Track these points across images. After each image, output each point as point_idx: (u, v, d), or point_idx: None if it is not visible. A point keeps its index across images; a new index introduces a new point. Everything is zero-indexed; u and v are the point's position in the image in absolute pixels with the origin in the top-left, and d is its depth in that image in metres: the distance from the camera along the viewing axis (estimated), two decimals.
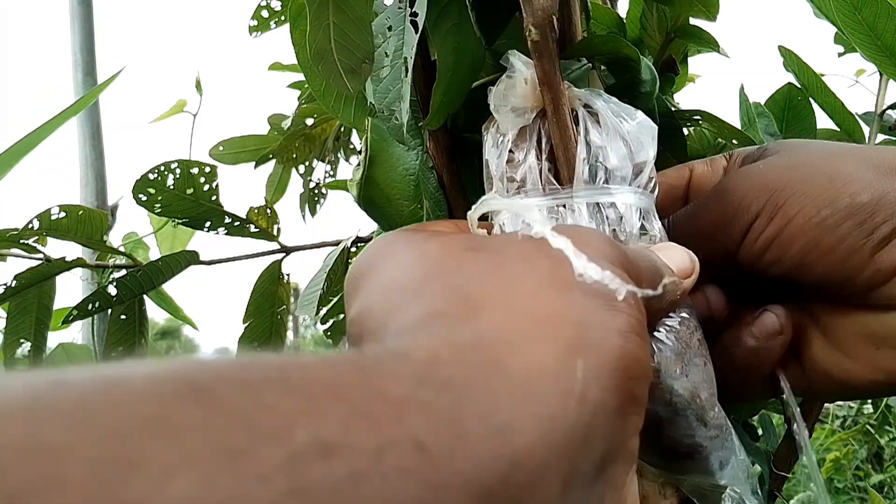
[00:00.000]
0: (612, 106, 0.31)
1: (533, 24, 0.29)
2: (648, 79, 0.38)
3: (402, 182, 0.42)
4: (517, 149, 0.31)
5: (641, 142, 0.31)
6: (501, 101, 0.32)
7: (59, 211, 0.61)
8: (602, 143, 0.30)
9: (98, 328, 0.81)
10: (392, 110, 0.34)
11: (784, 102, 0.56)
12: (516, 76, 0.31)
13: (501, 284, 0.21)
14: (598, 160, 0.30)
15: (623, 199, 0.30)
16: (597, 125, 0.31)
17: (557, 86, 0.30)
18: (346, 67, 0.33)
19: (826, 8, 0.49)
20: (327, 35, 0.32)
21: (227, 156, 0.80)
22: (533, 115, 0.32)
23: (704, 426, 0.28)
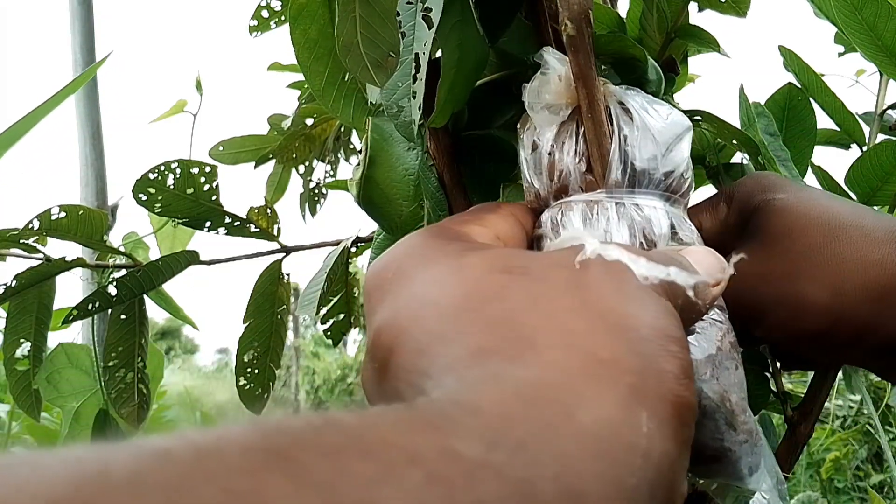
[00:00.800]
0: (646, 104, 0.31)
1: (569, 17, 0.28)
2: (654, 79, 0.37)
3: (401, 182, 0.42)
4: (556, 147, 0.31)
5: (672, 142, 0.30)
6: (536, 99, 0.31)
7: (60, 211, 0.61)
8: (632, 142, 0.30)
9: (98, 328, 0.81)
10: (401, 107, 0.34)
11: (784, 102, 0.56)
12: (550, 73, 0.31)
13: (553, 318, 0.20)
14: (629, 159, 0.30)
15: (649, 202, 0.30)
16: (629, 122, 0.30)
17: (593, 81, 0.30)
18: (373, 61, 0.33)
19: (826, 8, 0.49)
20: (354, 28, 0.32)
21: (227, 156, 0.80)
22: (568, 111, 0.31)
23: (734, 430, 0.28)
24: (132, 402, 0.68)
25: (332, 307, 0.67)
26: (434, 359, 0.20)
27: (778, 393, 0.56)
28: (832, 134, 0.61)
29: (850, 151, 0.63)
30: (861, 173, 0.50)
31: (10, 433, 1.08)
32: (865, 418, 1.84)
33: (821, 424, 1.92)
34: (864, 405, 1.81)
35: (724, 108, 0.49)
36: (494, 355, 0.19)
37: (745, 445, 0.28)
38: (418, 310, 0.22)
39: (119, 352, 0.67)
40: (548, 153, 0.31)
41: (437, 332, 0.21)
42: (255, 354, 0.66)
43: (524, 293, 0.21)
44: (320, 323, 0.68)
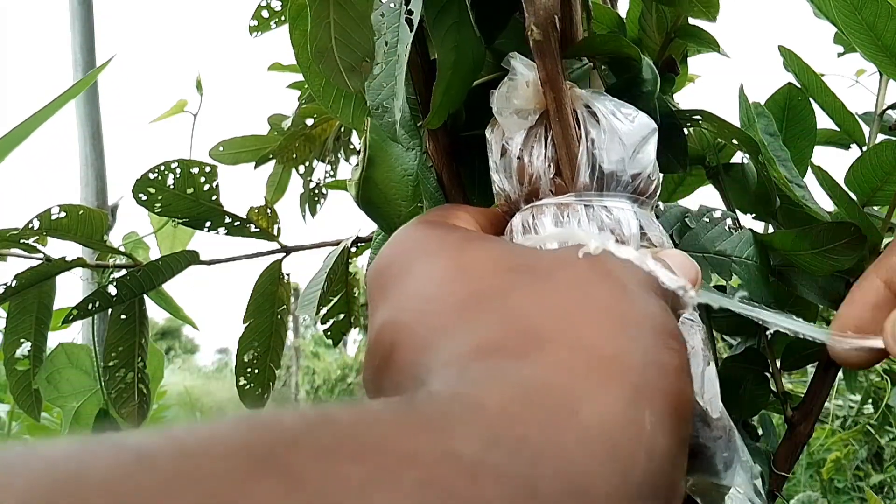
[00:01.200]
0: (612, 107, 0.31)
1: (535, 23, 0.29)
2: (650, 78, 0.38)
3: (400, 182, 0.42)
4: (525, 151, 0.31)
5: (639, 144, 0.31)
6: (504, 104, 0.32)
7: (60, 211, 0.61)
8: (600, 145, 0.30)
9: (98, 328, 0.81)
10: (385, 107, 0.34)
11: (784, 102, 0.56)
12: (518, 78, 0.31)
13: (559, 314, 0.20)
14: (597, 161, 0.30)
15: (618, 204, 0.30)
16: (596, 126, 0.31)
17: (560, 85, 0.30)
18: (347, 66, 0.33)
19: (826, 8, 0.49)
20: (328, 33, 0.32)
21: (227, 156, 0.80)
22: (536, 116, 0.31)
23: (708, 427, 0.28)
24: (132, 402, 0.68)
25: (332, 307, 0.67)
26: (436, 352, 0.20)
27: (778, 393, 0.56)
28: (832, 134, 0.61)
29: (850, 151, 0.63)
30: (861, 173, 0.50)
31: (10, 433, 1.08)
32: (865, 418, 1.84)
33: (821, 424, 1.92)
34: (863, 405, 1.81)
35: (724, 108, 0.49)
36: (499, 351, 0.19)
37: (720, 441, 0.28)
38: (422, 305, 0.22)
39: (119, 352, 0.67)
40: (517, 157, 0.32)
41: (440, 327, 0.21)
42: (255, 354, 0.66)
43: (529, 290, 0.21)
44: (320, 323, 0.68)
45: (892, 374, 1.45)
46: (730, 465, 0.29)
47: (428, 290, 0.22)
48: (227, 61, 21.94)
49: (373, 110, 0.35)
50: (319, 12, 0.32)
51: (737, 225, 0.49)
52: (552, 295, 0.21)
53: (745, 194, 0.58)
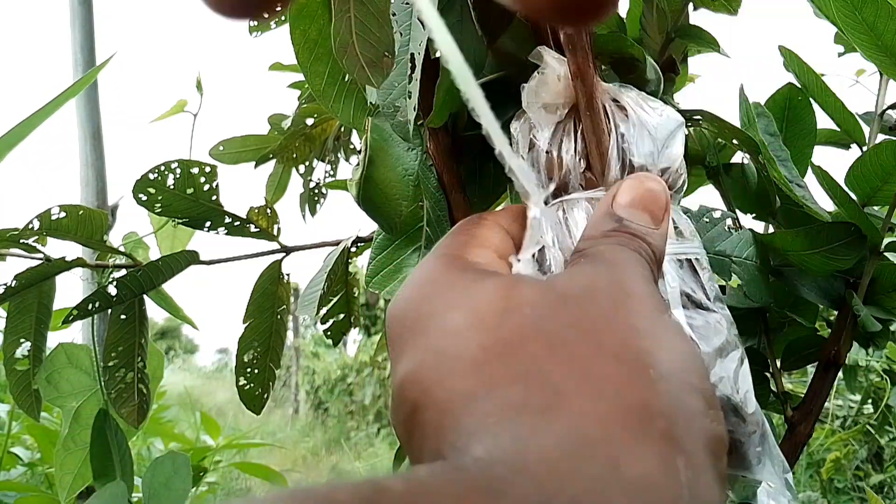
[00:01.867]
0: (640, 100, 0.31)
1: None
2: (653, 78, 0.38)
3: (401, 182, 0.42)
4: (554, 145, 0.31)
5: (668, 138, 0.31)
6: (534, 98, 0.31)
7: (60, 211, 0.61)
8: (629, 139, 0.30)
9: (98, 328, 0.81)
10: (396, 107, 0.34)
11: (784, 102, 0.56)
12: (549, 72, 0.31)
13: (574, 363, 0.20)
14: (627, 155, 0.30)
15: None
16: (625, 119, 0.30)
17: (591, 79, 0.30)
18: (368, 60, 0.33)
19: (826, 8, 0.49)
20: (349, 28, 0.32)
21: (228, 156, 0.80)
22: (566, 111, 0.31)
23: (743, 422, 0.28)
24: (132, 402, 0.68)
25: (332, 307, 0.67)
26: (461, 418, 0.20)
27: (778, 393, 0.56)
28: (832, 134, 0.61)
29: (851, 151, 0.63)
30: (861, 173, 0.50)
31: (10, 433, 1.08)
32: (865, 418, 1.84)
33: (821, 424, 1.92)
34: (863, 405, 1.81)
35: (724, 108, 0.49)
36: (523, 410, 0.19)
37: (754, 436, 0.28)
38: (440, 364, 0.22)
39: (119, 352, 0.67)
40: (545, 151, 0.31)
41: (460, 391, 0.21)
42: (255, 354, 0.66)
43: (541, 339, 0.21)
44: (320, 323, 0.68)
45: (892, 374, 1.45)
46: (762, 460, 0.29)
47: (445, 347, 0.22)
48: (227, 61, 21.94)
49: (383, 109, 0.34)
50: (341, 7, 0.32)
51: (737, 225, 0.49)
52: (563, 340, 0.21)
53: (745, 194, 0.58)
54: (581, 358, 0.20)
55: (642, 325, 0.22)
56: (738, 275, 0.48)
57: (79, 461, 0.73)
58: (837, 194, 0.50)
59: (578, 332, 0.21)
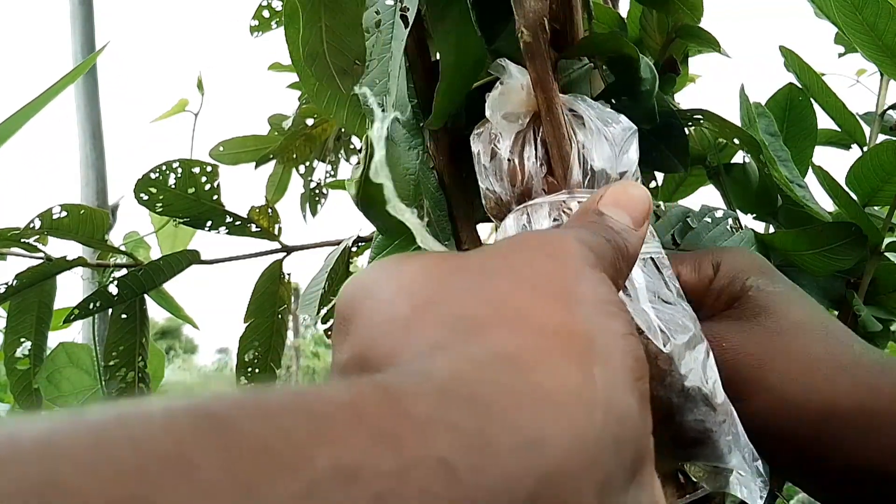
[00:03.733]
0: (596, 110, 0.32)
1: (525, 26, 0.30)
2: (648, 77, 0.38)
3: (401, 182, 0.42)
4: (515, 153, 0.32)
5: (625, 145, 0.32)
6: (497, 108, 0.33)
7: (61, 210, 0.61)
8: (588, 145, 0.31)
9: (98, 328, 0.81)
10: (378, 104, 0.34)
11: (785, 103, 0.56)
12: (511, 82, 0.32)
13: (498, 302, 0.20)
14: (587, 161, 0.31)
15: None
16: (582, 127, 0.32)
17: (550, 86, 0.31)
18: (339, 69, 0.33)
19: (827, 8, 0.49)
20: (319, 37, 0.33)
21: (228, 156, 0.80)
22: (527, 120, 0.33)
23: (713, 411, 0.29)
24: None
25: (332, 307, 0.67)
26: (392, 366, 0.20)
27: None
28: (833, 134, 0.61)
29: (851, 152, 0.63)
30: (862, 173, 0.50)
31: None
32: None
33: None
34: None
35: (724, 108, 0.49)
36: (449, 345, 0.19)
37: (724, 425, 0.29)
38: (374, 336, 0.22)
39: (120, 351, 0.67)
40: (507, 159, 0.32)
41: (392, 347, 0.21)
42: (255, 354, 0.66)
43: (468, 287, 0.21)
44: (321, 323, 0.68)
45: None
46: (733, 449, 0.30)
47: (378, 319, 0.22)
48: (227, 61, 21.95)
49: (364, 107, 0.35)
50: (311, 16, 0.32)
51: (738, 225, 0.49)
52: (486, 286, 0.21)
53: (746, 194, 0.58)
54: (503, 296, 0.21)
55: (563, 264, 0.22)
56: None
57: None
58: (838, 194, 0.50)
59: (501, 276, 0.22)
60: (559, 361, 0.18)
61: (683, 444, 0.30)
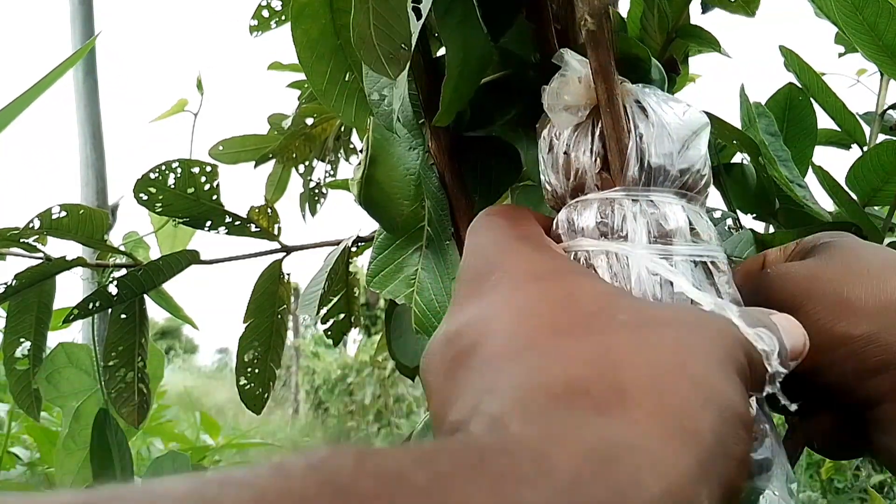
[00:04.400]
0: (662, 101, 0.31)
1: (590, 13, 0.28)
2: (658, 79, 0.37)
3: (403, 182, 0.42)
4: (571, 146, 0.31)
5: (689, 138, 0.30)
6: (555, 100, 0.31)
7: (60, 210, 0.61)
8: (648, 139, 0.30)
9: (98, 327, 0.81)
10: (383, 96, 0.34)
11: (785, 102, 0.56)
12: (569, 74, 0.31)
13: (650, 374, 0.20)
14: (645, 156, 0.30)
15: (664, 199, 0.30)
16: (645, 120, 0.30)
17: (612, 76, 0.30)
18: (386, 53, 0.33)
19: (827, 8, 0.49)
20: (367, 20, 0.32)
21: (227, 155, 0.80)
22: (586, 112, 0.31)
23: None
24: (132, 402, 0.68)
25: (332, 307, 0.67)
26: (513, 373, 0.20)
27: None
28: (833, 134, 0.61)
29: (851, 151, 0.63)
30: (862, 173, 0.50)
31: (9, 433, 1.08)
32: None
33: None
34: None
35: (724, 108, 0.49)
36: (580, 398, 0.19)
37: (755, 444, 0.28)
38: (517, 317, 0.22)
39: (119, 351, 0.67)
40: (563, 153, 0.31)
41: (528, 345, 0.21)
42: (255, 354, 0.66)
43: (627, 340, 0.21)
44: (320, 323, 0.68)
45: None
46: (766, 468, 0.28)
47: (528, 305, 0.22)
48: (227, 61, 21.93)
49: (369, 99, 0.34)
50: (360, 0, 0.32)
51: (737, 225, 0.49)
52: (648, 351, 0.21)
53: (745, 194, 0.58)
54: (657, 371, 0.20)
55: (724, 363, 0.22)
56: None
57: (79, 461, 0.73)
58: (838, 194, 0.50)
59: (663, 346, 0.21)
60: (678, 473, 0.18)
61: None
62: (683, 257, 0.29)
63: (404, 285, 0.43)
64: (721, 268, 0.30)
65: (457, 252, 0.42)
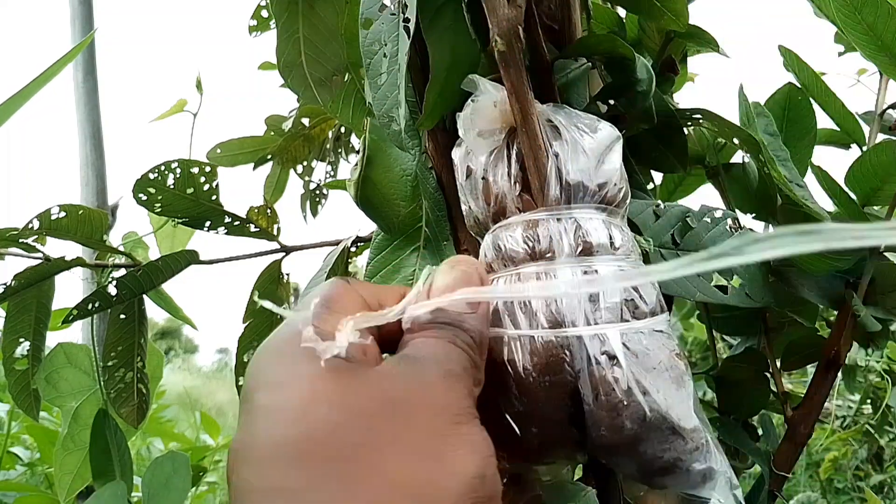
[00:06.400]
0: (574, 119, 0.31)
1: (499, 34, 0.29)
2: (644, 78, 0.38)
3: (399, 182, 0.42)
4: (489, 171, 0.31)
5: (603, 153, 0.31)
6: (470, 125, 0.32)
7: (59, 210, 0.61)
8: (564, 157, 0.30)
9: (98, 328, 0.81)
10: (391, 116, 0.34)
11: (784, 102, 0.56)
12: (483, 99, 0.31)
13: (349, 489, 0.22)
14: (563, 174, 0.30)
15: (585, 214, 0.30)
16: (559, 138, 0.31)
17: (525, 95, 0.30)
18: (317, 80, 0.33)
19: (826, 8, 0.49)
20: (297, 48, 0.32)
21: (226, 158, 0.80)
22: (502, 136, 0.31)
23: (682, 440, 0.28)
24: (131, 402, 0.68)
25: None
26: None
27: (778, 393, 0.56)
28: (832, 134, 0.61)
29: (851, 151, 0.63)
30: (861, 173, 0.50)
31: (9, 433, 1.08)
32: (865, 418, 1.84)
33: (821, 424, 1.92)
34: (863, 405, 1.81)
35: (724, 108, 0.49)
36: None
37: (696, 453, 0.28)
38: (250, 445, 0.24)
39: (118, 351, 0.67)
40: (482, 178, 0.31)
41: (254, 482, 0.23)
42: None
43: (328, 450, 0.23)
44: None
45: (891, 374, 1.45)
46: (708, 478, 0.28)
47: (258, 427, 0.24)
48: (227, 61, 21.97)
49: (379, 120, 0.35)
50: (288, 27, 0.32)
51: (737, 225, 0.49)
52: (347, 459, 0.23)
53: (745, 194, 0.58)
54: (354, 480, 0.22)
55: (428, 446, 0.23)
56: (739, 274, 0.48)
57: (78, 461, 0.73)
58: (837, 194, 0.50)
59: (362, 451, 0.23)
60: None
61: (651, 474, 0.29)
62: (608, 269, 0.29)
63: (402, 286, 0.43)
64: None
65: (454, 252, 0.42)
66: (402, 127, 0.33)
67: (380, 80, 0.35)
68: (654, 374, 0.28)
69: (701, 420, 0.29)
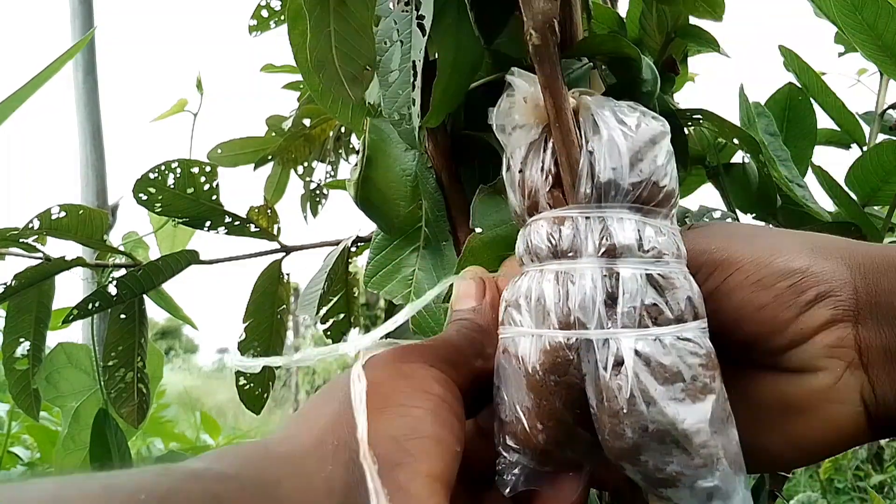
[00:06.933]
0: (616, 113, 0.30)
1: (533, 27, 0.28)
2: (649, 78, 0.37)
3: (399, 182, 0.42)
4: (525, 165, 0.31)
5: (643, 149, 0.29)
6: (505, 121, 0.31)
7: (60, 210, 0.61)
8: (597, 153, 0.29)
9: (98, 328, 0.81)
10: (402, 115, 0.34)
11: (784, 102, 0.56)
12: (516, 94, 0.30)
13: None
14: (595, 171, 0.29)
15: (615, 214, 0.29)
16: (596, 133, 0.29)
17: (559, 90, 0.29)
18: (348, 75, 0.33)
19: (826, 8, 0.49)
20: (328, 43, 0.32)
21: (226, 158, 0.80)
22: (539, 129, 0.31)
23: (687, 455, 0.27)
24: (132, 402, 0.68)
25: (332, 307, 0.67)
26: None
27: None
28: (832, 134, 0.61)
29: (851, 151, 0.63)
30: (861, 173, 0.50)
31: (9, 433, 1.08)
32: None
33: None
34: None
35: (724, 108, 0.49)
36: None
37: (702, 470, 0.27)
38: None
39: (119, 351, 0.67)
40: (518, 171, 0.31)
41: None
42: (255, 354, 0.66)
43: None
44: (320, 323, 0.68)
45: None
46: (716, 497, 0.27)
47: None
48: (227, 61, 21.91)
49: (390, 118, 0.34)
50: (319, 22, 0.32)
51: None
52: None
53: (745, 194, 0.58)
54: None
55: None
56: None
57: (78, 461, 0.73)
58: (837, 194, 0.50)
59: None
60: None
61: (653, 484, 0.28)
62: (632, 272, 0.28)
63: (402, 286, 0.43)
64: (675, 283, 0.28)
65: (454, 253, 0.42)
66: (415, 126, 0.33)
67: (391, 78, 0.34)
68: (667, 385, 0.27)
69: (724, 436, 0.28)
